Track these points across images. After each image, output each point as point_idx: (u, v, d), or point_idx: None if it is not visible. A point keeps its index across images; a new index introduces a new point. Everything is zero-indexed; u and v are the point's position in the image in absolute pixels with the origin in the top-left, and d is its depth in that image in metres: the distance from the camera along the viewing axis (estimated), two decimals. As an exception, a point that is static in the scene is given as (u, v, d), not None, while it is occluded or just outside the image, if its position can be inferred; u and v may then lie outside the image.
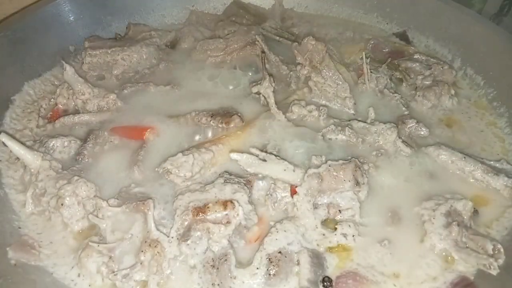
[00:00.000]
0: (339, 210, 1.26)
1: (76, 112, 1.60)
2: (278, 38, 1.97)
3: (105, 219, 1.20)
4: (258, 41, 1.81)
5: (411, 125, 1.56)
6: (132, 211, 1.20)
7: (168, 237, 1.16)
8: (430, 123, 1.62)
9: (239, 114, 1.54)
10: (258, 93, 1.60)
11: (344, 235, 1.21)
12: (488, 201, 1.37)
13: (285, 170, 1.30)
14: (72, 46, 1.89)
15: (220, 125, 1.50)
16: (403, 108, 1.65)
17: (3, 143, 1.33)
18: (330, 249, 1.21)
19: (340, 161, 1.31)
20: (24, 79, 1.69)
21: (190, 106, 1.60)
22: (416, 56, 1.90)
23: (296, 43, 1.73)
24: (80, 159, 1.40)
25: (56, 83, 1.76)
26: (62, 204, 1.23)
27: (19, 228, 1.27)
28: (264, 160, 1.31)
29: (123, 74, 1.80)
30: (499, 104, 1.71)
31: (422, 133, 1.55)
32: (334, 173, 1.27)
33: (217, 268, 1.12)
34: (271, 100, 1.53)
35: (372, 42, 2.00)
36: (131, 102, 1.64)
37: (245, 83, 1.73)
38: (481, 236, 1.22)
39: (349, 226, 1.22)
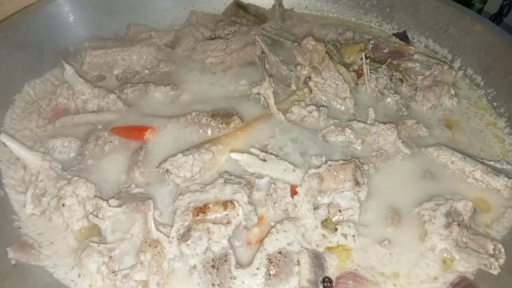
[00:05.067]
0: (339, 210, 1.26)
1: (76, 112, 1.60)
2: (278, 38, 1.97)
3: (105, 219, 1.20)
4: (258, 41, 1.81)
5: (411, 125, 1.56)
6: (132, 211, 1.20)
7: (168, 237, 1.16)
8: (430, 124, 1.63)
9: (239, 114, 1.54)
10: (258, 93, 1.60)
11: (344, 236, 1.20)
12: (488, 201, 1.37)
13: (285, 170, 1.31)
14: (72, 46, 1.89)
15: (220, 126, 1.50)
16: (403, 109, 1.65)
17: (3, 143, 1.33)
18: (330, 249, 1.21)
19: (340, 161, 1.31)
20: (24, 79, 1.69)
21: (190, 107, 1.60)
22: (416, 56, 1.90)
23: (296, 44, 1.74)
24: (81, 159, 1.40)
25: (56, 83, 1.76)
26: (62, 205, 1.23)
27: (19, 228, 1.27)
28: (264, 160, 1.32)
29: (123, 74, 1.80)
30: (499, 104, 1.71)
31: (422, 133, 1.56)
32: (334, 173, 1.27)
33: (217, 268, 1.12)
34: (271, 101, 1.53)
35: (372, 42, 2.00)
36: (131, 102, 1.64)
37: (245, 83, 1.73)
38: (482, 236, 1.22)
39: (349, 226, 1.22)
